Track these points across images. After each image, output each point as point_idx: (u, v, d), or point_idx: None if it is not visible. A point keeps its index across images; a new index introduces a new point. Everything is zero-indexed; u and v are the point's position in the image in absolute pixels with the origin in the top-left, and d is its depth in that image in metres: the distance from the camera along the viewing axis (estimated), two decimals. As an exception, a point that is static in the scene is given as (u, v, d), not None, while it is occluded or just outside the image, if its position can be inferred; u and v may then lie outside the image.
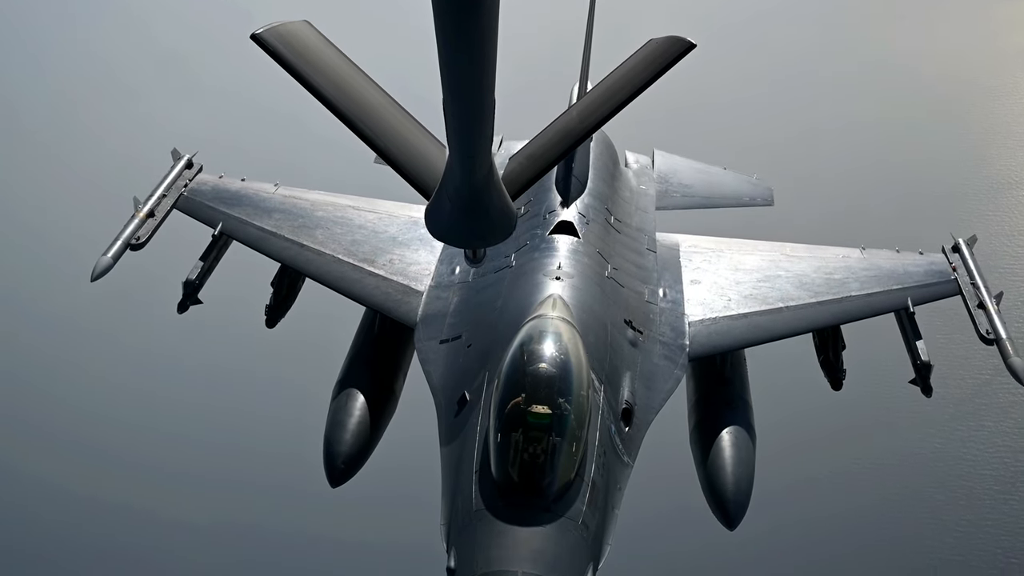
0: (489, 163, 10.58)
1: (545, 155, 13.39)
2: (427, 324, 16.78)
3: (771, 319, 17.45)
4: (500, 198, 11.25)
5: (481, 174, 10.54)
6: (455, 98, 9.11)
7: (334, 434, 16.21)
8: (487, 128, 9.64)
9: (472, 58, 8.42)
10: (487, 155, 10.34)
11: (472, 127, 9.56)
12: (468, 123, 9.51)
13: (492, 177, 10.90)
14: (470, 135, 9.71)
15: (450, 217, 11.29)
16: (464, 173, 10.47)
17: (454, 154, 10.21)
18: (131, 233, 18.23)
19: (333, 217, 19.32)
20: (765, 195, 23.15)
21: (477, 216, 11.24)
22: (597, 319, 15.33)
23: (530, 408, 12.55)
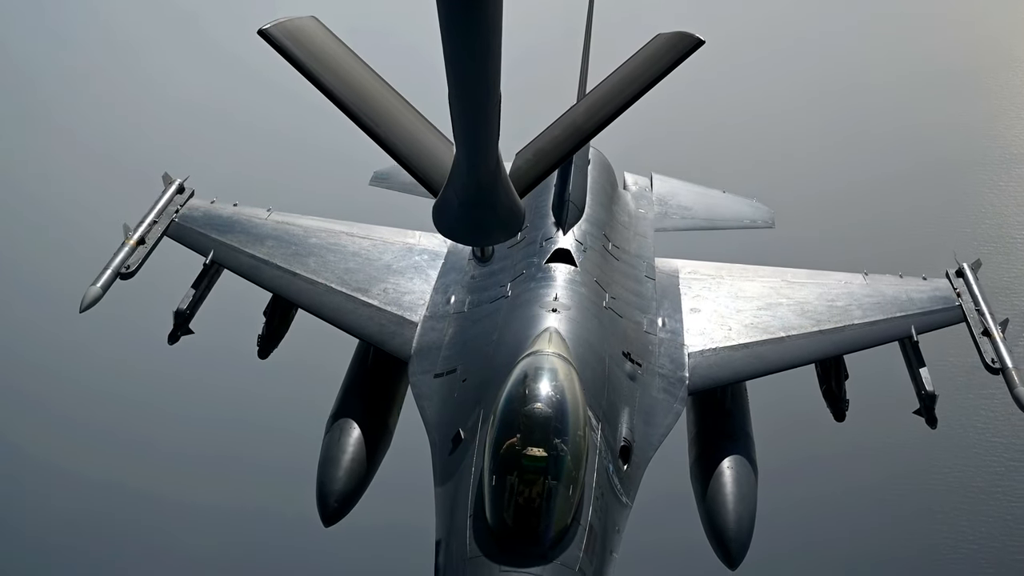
0: (496, 159, 10.52)
1: (553, 151, 13.27)
2: (421, 357, 16.43)
3: (772, 349, 17.09)
4: (507, 194, 11.24)
5: (488, 170, 10.49)
6: (460, 94, 9.09)
7: (327, 472, 15.83)
8: (493, 124, 9.66)
9: (476, 53, 8.43)
10: (494, 151, 10.29)
11: (478, 123, 9.56)
12: (473, 119, 9.50)
13: (499, 173, 10.85)
14: (476, 131, 9.70)
15: (457, 214, 11.25)
16: (470, 169, 10.46)
17: (460, 150, 10.20)
18: (121, 262, 17.90)
19: (327, 244, 18.97)
20: (765, 217, 22.82)
21: (484, 212, 11.22)
22: (594, 353, 14.99)
23: (525, 450, 12.21)
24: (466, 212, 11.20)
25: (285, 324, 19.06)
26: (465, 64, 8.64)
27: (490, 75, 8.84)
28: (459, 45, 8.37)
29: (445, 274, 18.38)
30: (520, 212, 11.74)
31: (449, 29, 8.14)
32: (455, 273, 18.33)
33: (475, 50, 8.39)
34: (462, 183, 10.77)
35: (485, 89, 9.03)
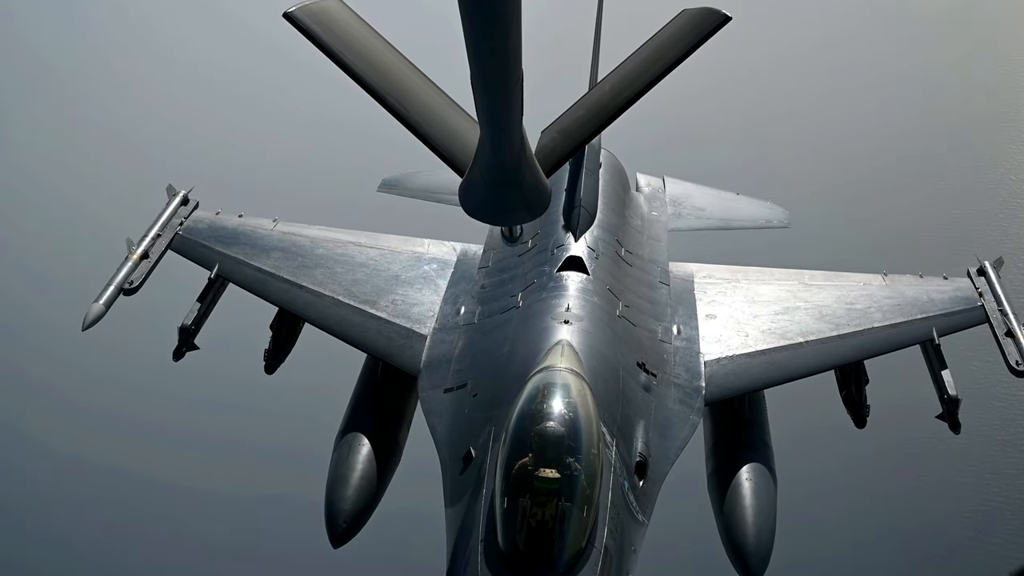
0: (521, 137, 10.56)
1: (579, 130, 13.43)
2: (431, 371, 16.05)
3: (790, 356, 16.67)
4: (533, 173, 11.30)
5: (513, 149, 10.53)
6: (482, 73, 9.15)
7: (336, 491, 15.43)
8: (516, 102, 9.71)
9: (496, 31, 8.50)
10: (518, 129, 10.33)
11: (500, 101, 9.61)
12: (496, 98, 9.55)
13: (524, 152, 10.89)
14: (499, 110, 9.76)
15: (483, 193, 11.37)
16: (495, 148, 10.53)
17: (484, 129, 10.26)
18: (124, 277, 17.58)
19: (333, 255, 18.61)
20: (781, 218, 22.38)
21: (510, 191, 11.29)
22: (608, 366, 14.60)
23: (537, 472, 11.83)
24: (492, 192, 11.31)
25: (292, 338, 18.68)
26: (486, 43, 8.68)
27: (511, 53, 8.87)
28: (479, 23, 8.40)
29: (455, 283, 18.01)
30: (546, 191, 11.82)
31: (468, 7, 8.15)
32: (465, 282, 17.95)
33: (495, 28, 8.46)
34: (487, 163, 10.85)
35: (506, 67, 9.06)
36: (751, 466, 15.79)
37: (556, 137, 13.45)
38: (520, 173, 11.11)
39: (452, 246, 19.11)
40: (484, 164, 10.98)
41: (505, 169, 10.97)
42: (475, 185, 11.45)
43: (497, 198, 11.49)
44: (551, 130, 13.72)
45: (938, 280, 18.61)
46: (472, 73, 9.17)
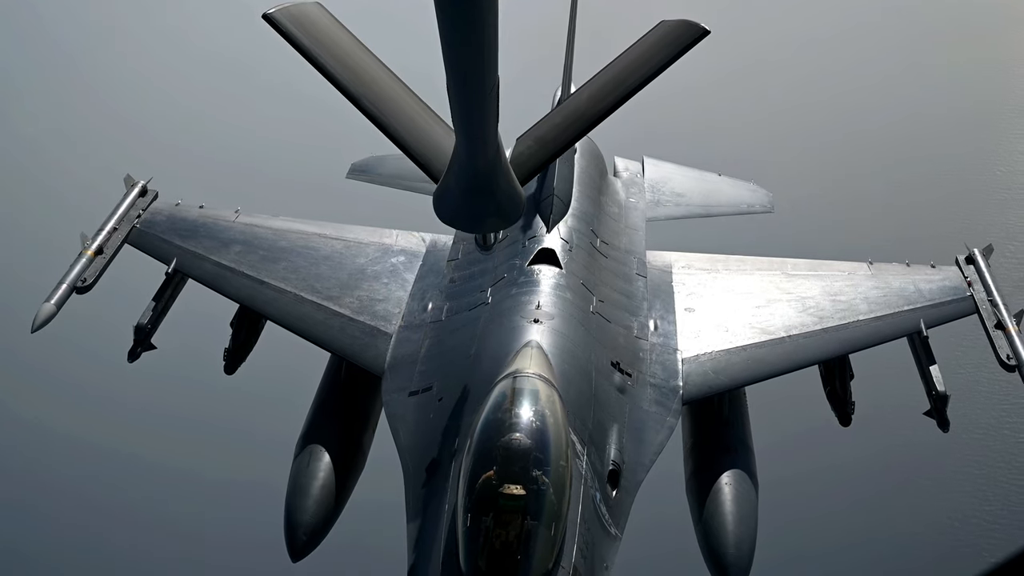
0: (496, 145, 10.54)
1: (555, 139, 13.36)
2: (395, 372, 15.32)
3: (772, 351, 16.00)
4: (507, 181, 11.29)
5: (487, 155, 10.49)
6: (457, 79, 9.09)
7: (296, 501, 14.67)
8: (491, 109, 9.68)
9: (472, 37, 8.44)
10: (493, 136, 10.28)
11: (475, 108, 9.56)
12: (471, 104, 9.51)
13: (499, 160, 10.87)
14: (474, 117, 9.70)
15: (457, 200, 11.36)
16: (469, 154, 10.50)
17: (459, 135, 10.23)
18: (77, 275, 16.78)
19: (297, 247, 17.85)
20: (764, 202, 21.65)
21: (484, 199, 11.26)
22: (580, 368, 13.91)
23: (502, 489, 11.15)
24: (466, 199, 11.29)
25: (254, 336, 17.89)
26: (461, 48, 8.62)
27: (486, 60, 8.81)
28: (454, 29, 8.33)
29: (423, 277, 17.27)
30: (520, 199, 11.80)
31: (444, 13, 8.07)
32: (433, 276, 17.22)
33: (471, 34, 8.40)
34: (462, 169, 10.82)
35: (481, 74, 8.99)
36: (731, 469, 15.12)
37: (532, 145, 13.40)
38: (495, 180, 11.04)
39: (421, 237, 18.37)
40: (459, 171, 10.91)
41: (479, 176, 10.90)
42: (449, 192, 11.36)
43: (471, 205, 11.45)
44: (526, 137, 13.66)
45: (926, 269, 17.97)
46: (448, 79, 9.10)
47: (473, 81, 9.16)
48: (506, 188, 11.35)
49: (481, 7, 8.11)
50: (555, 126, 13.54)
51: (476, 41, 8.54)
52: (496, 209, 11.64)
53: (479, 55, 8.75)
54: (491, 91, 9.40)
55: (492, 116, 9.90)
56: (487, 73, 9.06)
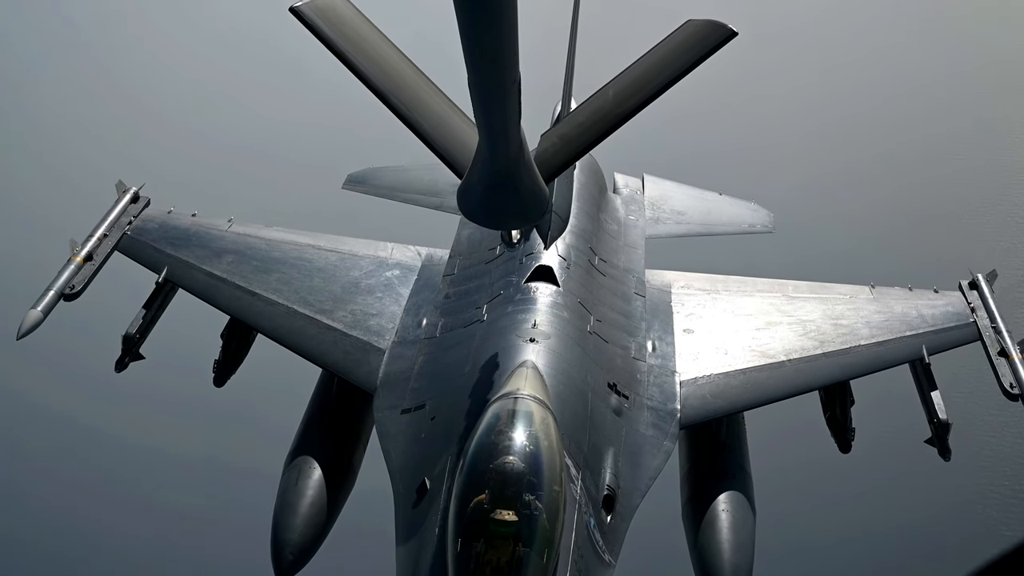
0: (519, 141, 10.52)
1: (579, 138, 13.26)
2: (388, 389, 14.98)
3: (772, 376, 15.68)
4: (531, 177, 11.28)
5: (510, 153, 10.48)
6: (479, 75, 9.11)
7: (283, 518, 14.28)
8: (513, 105, 9.66)
9: (492, 33, 8.46)
10: (515, 132, 10.27)
11: (497, 104, 9.57)
12: (493, 100, 9.53)
13: (522, 155, 10.83)
14: (496, 112, 9.72)
15: (480, 196, 11.34)
16: (492, 151, 10.47)
17: (482, 132, 10.24)
18: (65, 281, 16.55)
19: (290, 259, 17.54)
20: (765, 221, 21.37)
21: (507, 195, 11.23)
22: (576, 389, 13.59)
23: (493, 515, 10.84)
24: (489, 195, 11.27)
25: (244, 348, 17.58)
26: (481, 46, 8.65)
27: (507, 57, 8.83)
28: (474, 26, 8.38)
29: (418, 292, 16.96)
30: (544, 197, 11.83)
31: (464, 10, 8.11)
32: (428, 291, 16.90)
33: (490, 31, 8.43)
34: (484, 165, 10.82)
35: (502, 71, 9.02)
36: (728, 495, 14.79)
37: (556, 143, 13.31)
38: (518, 177, 11.05)
39: (417, 250, 18.09)
40: (481, 167, 10.93)
41: (502, 172, 10.90)
42: (473, 187, 11.37)
43: (494, 201, 11.44)
44: (551, 135, 13.61)
45: (928, 293, 17.69)
46: (469, 76, 9.13)
47: (494, 77, 9.17)
48: (529, 185, 11.36)
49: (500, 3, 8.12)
50: (580, 124, 13.39)
51: (495, 36, 8.57)
52: (519, 206, 11.65)
53: (499, 51, 8.78)
54: (512, 87, 9.39)
55: (514, 112, 9.87)
56: (507, 69, 9.08)
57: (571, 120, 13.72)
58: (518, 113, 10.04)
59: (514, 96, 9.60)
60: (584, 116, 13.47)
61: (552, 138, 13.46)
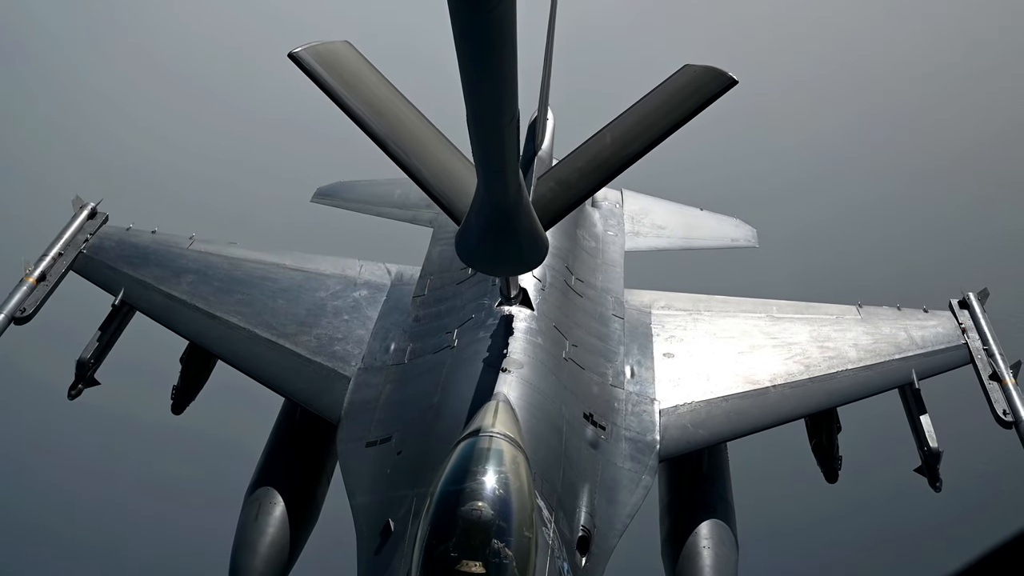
0: (516, 182, 10.31)
1: (577, 184, 13.16)
2: (352, 419, 14.24)
3: (756, 403, 15.01)
4: (529, 221, 11.05)
5: (509, 192, 10.26)
6: (476, 111, 8.98)
7: (242, 559, 13.47)
8: (511, 146, 9.51)
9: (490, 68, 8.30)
10: (513, 171, 10.07)
11: (494, 144, 9.42)
12: (489, 137, 9.37)
13: (520, 198, 10.63)
14: (492, 149, 9.55)
15: (478, 239, 11.07)
16: (490, 190, 10.30)
17: (480, 171, 10.10)
18: (17, 304, 15.83)
19: (253, 279, 16.81)
20: (748, 236, 20.75)
21: (506, 238, 10.98)
22: (551, 423, 12.91)
23: (459, 566, 10.20)
24: (487, 239, 11.00)
25: (204, 374, 16.84)
26: (478, 80, 8.50)
27: (505, 92, 8.72)
28: (471, 59, 8.21)
29: (386, 315, 16.24)
30: (543, 243, 11.50)
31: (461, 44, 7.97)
32: (398, 313, 16.19)
33: (487, 65, 8.26)
34: (483, 207, 10.63)
35: (499, 107, 8.89)
36: (710, 529, 14.10)
37: (554, 187, 13.20)
38: (516, 220, 10.79)
39: (387, 268, 17.39)
40: (480, 208, 10.70)
41: (501, 214, 10.63)
42: (471, 230, 11.08)
43: (492, 245, 11.12)
44: (548, 179, 13.51)
45: (918, 313, 17.11)
46: (468, 113, 8.98)
47: (490, 113, 9.00)
48: (528, 229, 11.06)
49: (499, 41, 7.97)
50: (578, 170, 13.20)
51: (492, 72, 8.37)
52: (518, 251, 11.31)
53: (495, 86, 8.61)
54: (510, 123, 9.21)
55: (511, 150, 9.65)
56: (505, 105, 8.91)
57: (568, 165, 13.46)
58: (517, 151, 9.87)
59: (512, 134, 9.40)
60: (582, 162, 13.23)
61: (549, 183, 13.31)
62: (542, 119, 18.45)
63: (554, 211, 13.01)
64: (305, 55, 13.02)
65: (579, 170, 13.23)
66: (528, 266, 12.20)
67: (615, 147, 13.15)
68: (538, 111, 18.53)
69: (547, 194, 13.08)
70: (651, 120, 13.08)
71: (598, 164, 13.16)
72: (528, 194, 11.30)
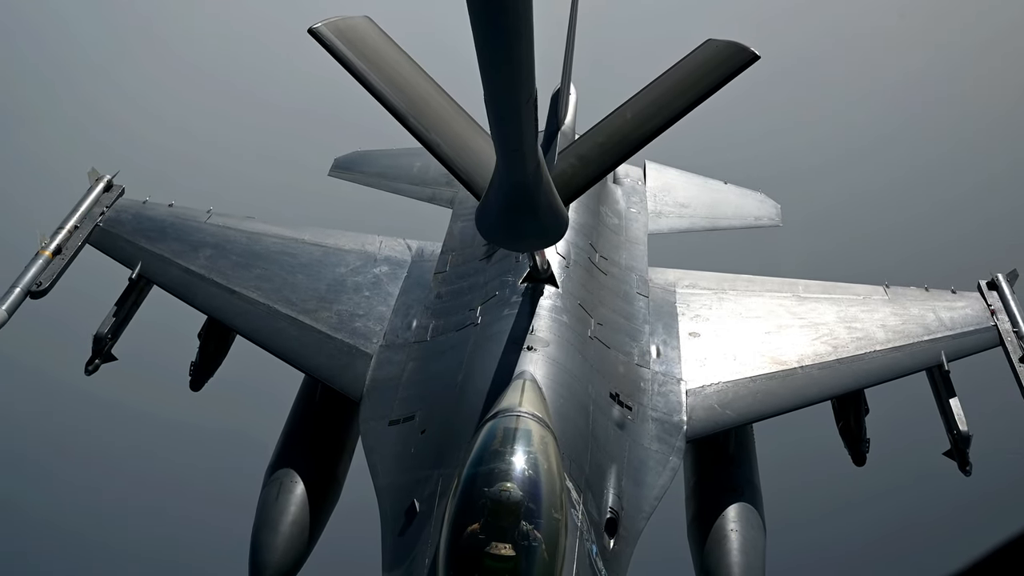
0: (535, 160, 10.24)
1: (597, 160, 12.99)
2: (374, 397, 14.06)
3: (783, 384, 14.80)
4: (549, 197, 10.94)
5: (527, 169, 10.20)
6: (493, 90, 8.91)
7: (263, 537, 13.30)
8: (529, 123, 9.44)
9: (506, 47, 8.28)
10: (532, 149, 9.98)
11: (511, 119, 9.33)
12: (507, 115, 9.30)
13: (540, 174, 10.57)
14: (511, 128, 9.50)
15: (498, 215, 10.98)
16: (509, 168, 10.28)
17: (498, 149, 10.03)
18: (32, 278, 15.71)
19: (272, 253, 16.65)
20: (772, 214, 20.46)
21: (525, 214, 10.89)
22: (577, 402, 12.72)
23: (489, 548, 10.04)
24: (506, 215, 10.91)
25: (223, 349, 16.68)
26: (496, 60, 8.43)
27: (522, 71, 8.63)
28: (489, 39, 8.18)
29: (408, 291, 16.04)
30: (563, 219, 11.36)
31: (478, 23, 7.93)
32: (419, 290, 15.99)
33: (504, 45, 8.22)
34: (502, 184, 10.61)
35: (517, 85, 8.80)
36: (738, 512, 13.92)
37: (575, 163, 13.03)
38: (536, 197, 10.69)
39: (407, 244, 17.20)
40: (499, 185, 10.66)
41: (520, 191, 10.54)
42: (490, 206, 10.98)
43: (511, 221, 11.02)
44: (568, 154, 13.34)
45: (946, 294, 16.89)
46: (485, 92, 8.91)
47: (509, 93, 8.92)
48: (548, 205, 10.91)
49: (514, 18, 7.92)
50: (598, 145, 13.02)
51: (510, 53, 8.33)
52: (538, 226, 11.15)
53: (514, 67, 8.54)
54: (528, 102, 9.12)
55: (530, 129, 9.55)
56: (523, 85, 8.83)
57: (589, 140, 13.28)
58: (535, 129, 9.76)
59: (530, 112, 9.33)
60: (603, 137, 13.05)
61: (569, 159, 13.15)
62: (564, 93, 18.18)
63: (575, 186, 12.89)
64: (325, 30, 12.86)
65: (600, 145, 13.06)
66: (548, 241, 11.97)
67: (636, 122, 12.95)
68: (561, 85, 18.26)
69: (568, 169, 12.94)
70: (672, 96, 12.88)
71: (619, 139, 12.99)
72: (549, 169, 11.22)
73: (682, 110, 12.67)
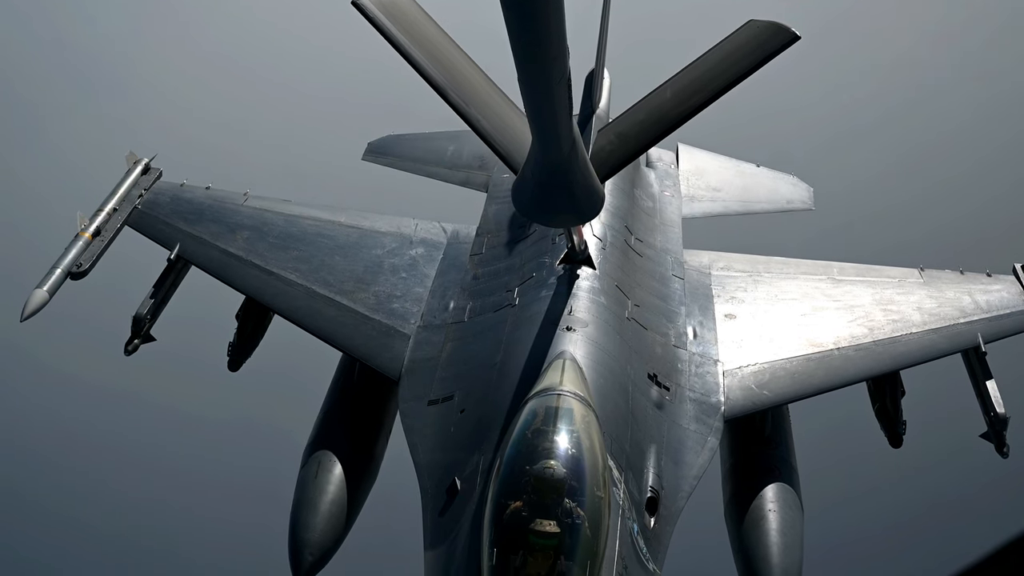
0: (570, 137, 10.37)
1: (637, 136, 13.35)
2: (413, 377, 14.15)
3: (820, 365, 14.81)
4: (585, 174, 11.08)
5: (562, 148, 10.35)
6: (527, 71, 9.06)
7: (302, 517, 13.46)
8: (563, 101, 9.55)
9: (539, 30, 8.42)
10: (566, 129, 10.14)
11: (546, 100, 9.47)
12: (542, 96, 9.45)
13: (575, 152, 10.67)
14: (545, 108, 9.66)
15: (533, 192, 11.19)
16: (543, 147, 10.43)
17: (533, 127, 10.18)
18: (73, 259, 15.92)
19: (309, 235, 16.76)
20: (805, 198, 20.42)
21: (560, 192, 11.05)
22: (617, 382, 12.77)
23: (533, 525, 10.11)
24: (542, 191, 11.11)
25: (260, 330, 16.85)
26: (528, 42, 8.61)
27: (554, 53, 8.72)
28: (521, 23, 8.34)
29: (444, 272, 16.13)
30: (599, 195, 11.52)
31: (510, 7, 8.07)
32: (455, 271, 16.07)
33: (537, 28, 8.38)
34: (537, 162, 10.77)
35: (549, 67, 8.92)
36: (775, 492, 13.99)
37: (614, 140, 13.42)
38: (571, 174, 10.87)
39: (442, 227, 17.29)
40: (535, 163, 10.83)
41: (555, 169, 10.74)
42: (526, 183, 11.21)
43: (546, 197, 11.21)
44: (608, 131, 13.71)
45: (981, 277, 16.83)
46: (518, 71, 9.06)
47: (542, 74, 9.04)
48: (583, 182, 11.06)
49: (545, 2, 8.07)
50: (638, 123, 13.38)
51: (542, 35, 8.48)
52: (573, 203, 11.33)
53: (546, 49, 8.65)
54: (561, 82, 9.24)
55: (564, 108, 9.69)
56: (556, 66, 8.94)
57: (628, 118, 13.60)
58: (569, 109, 9.84)
59: (564, 92, 9.45)
60: (643, 115, 13.42)
61: (609, 135, 13.51)
62: (599, 76, 18.18)
63: (613, 163, 13.24)
64: (369, 4, 13.26)
65: (639, 123, 13.43)
66: (584, 218, 12.06)
67: (675, 101, 13.23)
68: (595, 67, 18.26)
69: (607, 146, 13.29)
70: (712, 75, 13.17)
71: (658, 118, 13.28)
72: (585, 147, 11.39)
73: (721, 88, 12.97)
